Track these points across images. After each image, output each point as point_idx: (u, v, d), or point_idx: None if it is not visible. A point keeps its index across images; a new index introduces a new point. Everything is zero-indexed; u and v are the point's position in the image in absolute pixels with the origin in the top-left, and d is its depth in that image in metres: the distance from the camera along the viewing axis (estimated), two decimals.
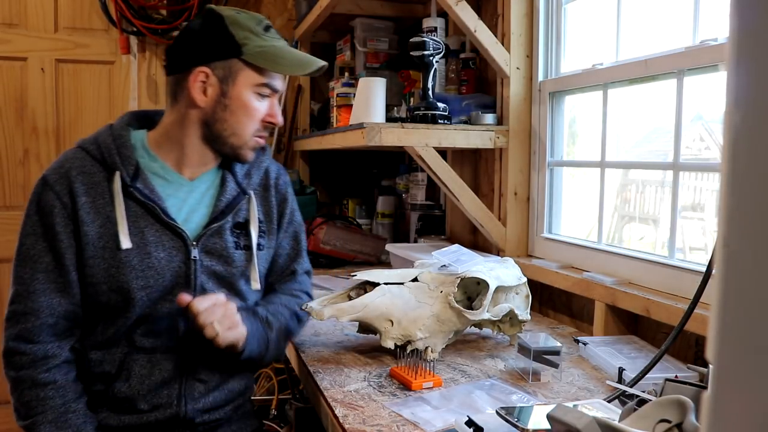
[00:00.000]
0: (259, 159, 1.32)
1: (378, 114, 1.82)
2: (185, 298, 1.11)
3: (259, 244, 1.27)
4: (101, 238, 1.15)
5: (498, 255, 1.80)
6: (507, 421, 0.87)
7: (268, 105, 1.23)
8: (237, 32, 1.17)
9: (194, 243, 1.20)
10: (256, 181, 1.31)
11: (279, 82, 1.23)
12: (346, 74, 2.32)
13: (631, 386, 1.02)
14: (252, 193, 1.28)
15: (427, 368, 1.15)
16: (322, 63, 1.25)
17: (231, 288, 1.23)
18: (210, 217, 1.23)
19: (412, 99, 2.09)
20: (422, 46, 1.73)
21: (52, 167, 1.19)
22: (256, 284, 1.26)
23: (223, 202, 1.24)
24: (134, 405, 1.18)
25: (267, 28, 1.22)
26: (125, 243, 1.14)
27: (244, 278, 1.25)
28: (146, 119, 1.29)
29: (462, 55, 2.03)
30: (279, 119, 1.25)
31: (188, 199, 1.23)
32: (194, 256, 1.19)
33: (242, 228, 1.26)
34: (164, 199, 1.19)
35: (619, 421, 0.79)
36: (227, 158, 1.27)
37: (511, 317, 1.33)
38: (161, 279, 1.17)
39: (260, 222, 1.28)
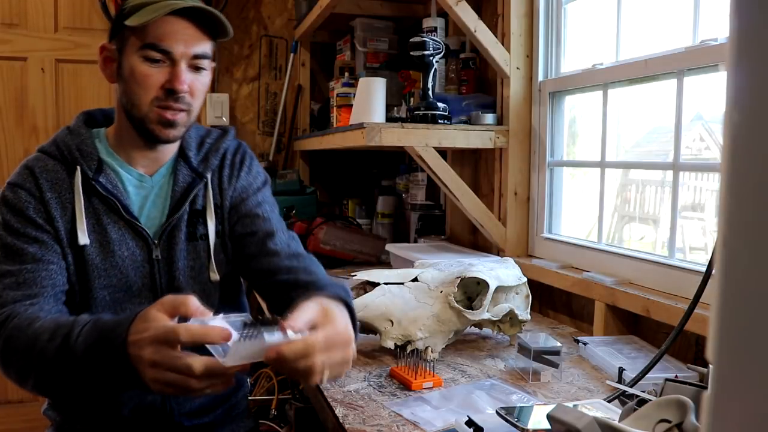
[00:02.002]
0: (219, 142, 1.26)
1: (378, 114, 1.82)
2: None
3: (217, 232, 1.21)
4: (69, 234, 1.12)
5: (498, 255, 1.80)
6: (507, 421, 0.87)
7: (166, 70, 1.11)
8: (128, 1, 1.12)
9: (156, 242, 1.16)
10: (215, 164, 1.24)
11: (169, 43, 1.10)
12: (346, 74, 2.32)
13: (631, 386, 1.02)
14: (209, 177, 1.22)
15: (427, 368, 1.15)
16: (193, 3, 1.10)
17: (195, 282, 1.19)
18: (168, 210, 1.19)
19: (412, 99, 2.09)
20: (422, 46, 1.73)
21: (15, 173, 1.16)
22: (214, 275, 1.19)
23: (177, 192, 1.19)
24: (118, 411, 1.16)
25: None
26: (82, 239, 1.11)
27: (205, 271, 1.20)
28: (104, 117, 1.25)
29: (462, 55, 2.03)
30: (178, 85, 1.10)
31: (149, 195, 1.19)
32: (156, 256, 1.16)
33: (199, 216, 1.20)
34: (126, 195, 1.17)
35: (619, 421, 0.79)
36: (150, 139, 1.16)
37: (511, 317, 1.33)
38: (124, 279, 1.14)
39: (216, 207, 1.22)
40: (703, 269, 0.97)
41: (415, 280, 1.29)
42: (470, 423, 0.90)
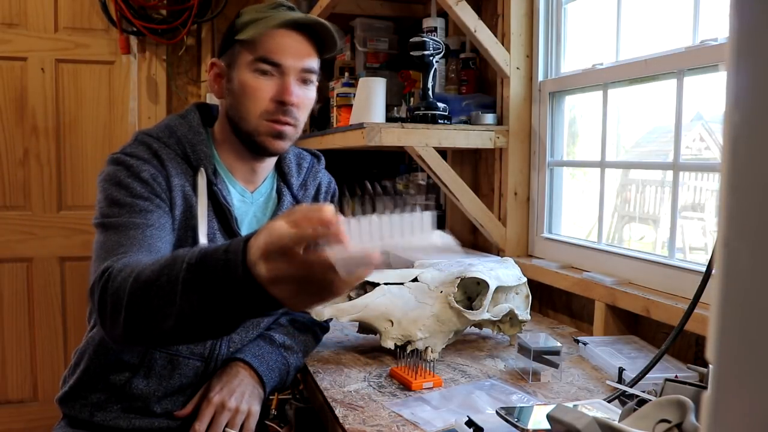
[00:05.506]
0: (315, 169, 1.31)
1: (378, 114, 1.82)
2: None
3: None
4: (181, 228, 1.11)
5: (498, 255, 1.80)
6: (507, 421, 0.87)
7: (275, 83, 1.13)
8: (240, 17, 1.15)
9: None
10: (311, 193, 1.29)
11: (280, 56, 1.12)
12: (346, 74, 2.32)
13: (631, 386, 1.02)
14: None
15: (427, 368, 1.15)
16: (304, 17, 1.13)
17: None
18: None
19: (412, 99, 2.09)
20: (422, 46, 1.73)
21: (132, 146, 1.12)
22: None
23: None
24: (147, 406, 1.15)
25: (278, 6, 1.16)
26: (203, 240, 1.10)
27: None
28: (206, 112, 1.24)
29: (462, 55, 2.03)
30: (288, 97, 1.12)
31: (248, 211, 1.22)
32: None
33: None
34: (234, 207, 1.17)
35: (619, 421, 0.79)
36: (258, 152, 1.18)
37: (511, 317, 1.33)
38: None
39: None
40: (703, 269, 0.97)
41: (415, 280, 1.29)
42: (470, 423, 0.90)
